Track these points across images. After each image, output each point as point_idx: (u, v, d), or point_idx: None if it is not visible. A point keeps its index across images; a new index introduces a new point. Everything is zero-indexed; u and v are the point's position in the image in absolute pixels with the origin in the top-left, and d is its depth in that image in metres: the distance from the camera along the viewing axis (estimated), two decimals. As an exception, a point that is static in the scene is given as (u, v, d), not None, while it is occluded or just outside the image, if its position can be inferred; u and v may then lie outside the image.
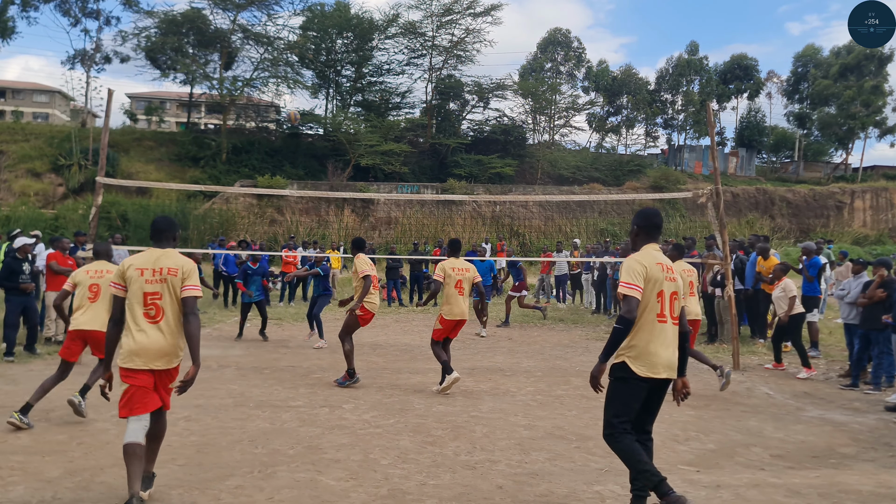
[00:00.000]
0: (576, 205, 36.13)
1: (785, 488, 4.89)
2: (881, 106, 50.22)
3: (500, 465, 5.29)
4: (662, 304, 3.96)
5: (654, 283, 3.95)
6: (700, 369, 9.62)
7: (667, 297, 3.99)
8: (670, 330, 4.00)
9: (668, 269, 4.05)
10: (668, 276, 4.03)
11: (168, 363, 4.23)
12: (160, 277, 4.24)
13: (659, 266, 4.01)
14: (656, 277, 3.96)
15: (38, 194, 33.81)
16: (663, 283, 3.99)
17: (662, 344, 3.95)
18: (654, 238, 4.18)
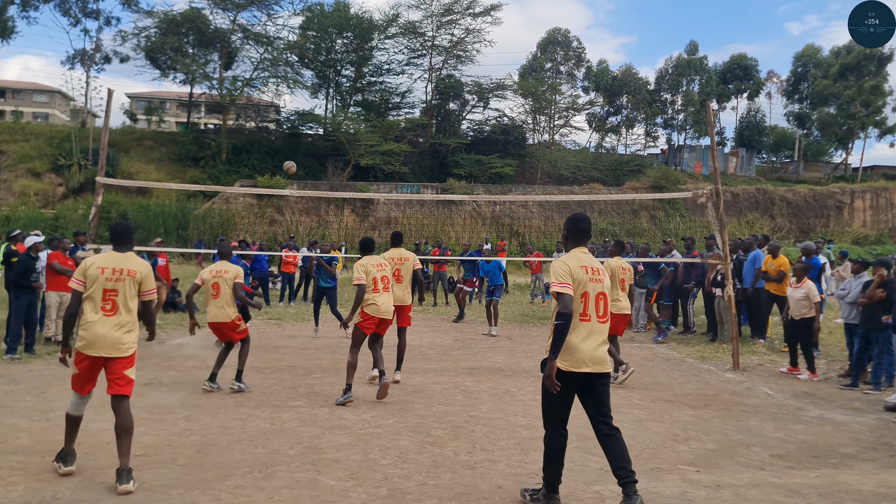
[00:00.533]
0: (576, 205, 36.03)
1: (785, 488, 4.89)
2: (881, 106, 50.20)
3: (500, 464, 5.29)
4: (586, 303, 4.24)
5: (578, 284, 4.22)
6: (699, 369, 9.62)
7: (591, 298, 4.26)
8: (595, 327, 4.26)
9: (594, 272, 4.31)
10: (592, 277, 4.29)
11: (120, 352, 4.82)
12: (118, 277, 4.82)
13: (583, 269, 4.27)
14: (580, 279, 4.23)
15: (37, 194, 33.82)
16: (587, 285, 4.25)
17: (585, 340, 4.21)
18: (582, 242, 4.45)
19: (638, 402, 7.60)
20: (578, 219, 4.46)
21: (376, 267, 7.49)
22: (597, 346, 4.24)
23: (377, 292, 7.35)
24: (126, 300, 4.82)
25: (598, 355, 4.25)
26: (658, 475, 5.13)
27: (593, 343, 4.22)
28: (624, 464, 4.18)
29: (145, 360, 9.44)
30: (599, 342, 4.25)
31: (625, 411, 7.11)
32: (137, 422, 6.25)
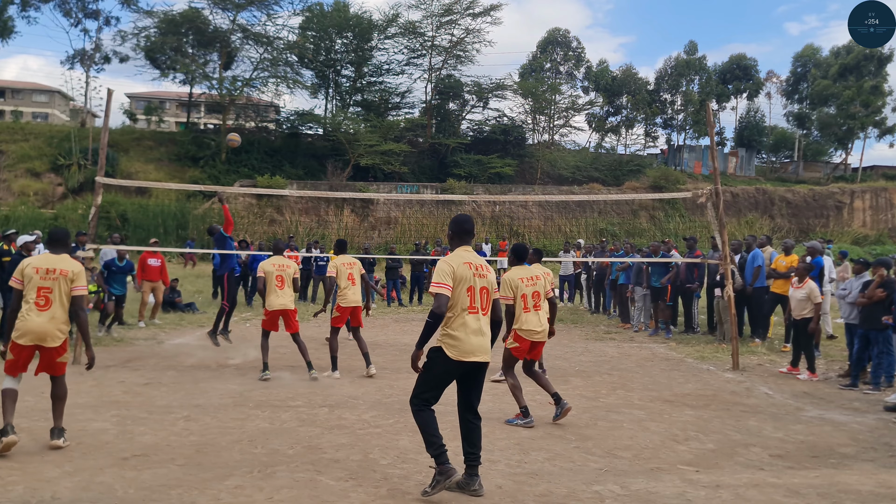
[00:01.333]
0: (575, 205, 36.13)
1: (785, 488, 4.89)
2: (881, 106, 50.19)
3: (499, 464, 5.29)
4: (472, 297, 4.56)
5: (461, 281, 4.53)
6: (699, 370, 9.62)
7: (476, 292, 4.59)
8: (482, 320, 4.62)
9: (479, 268, 4.63)
10: (477, 273, 4.60)
11: (52, 342, 5.39)
12: (53, 277, 5.43)
13: (466, 265, 4.58)
14: (463, 276, 4.54)
15: (37, 194, 33.81)
16: (472, 280, 4.57)
17: (473, 332, 4.54)
18: (465, 241, 4.77)
19: (637, 401, 7.60)
20: (462, 220, 4.78)
21: (346, 265, 8.79)
22: (483, 337, 4.59)
23: (346, 287, 8.64)
24: (60, 297, 5.42)
25: (485, 346, 4.61)
26: (657, 475, 5.13)
27: (481, 335, 4.57)
28: (476, 449, 4.65)
29: (144, 360, 9.44)
30: (484, 333, 4.61)
31: (624, 411, 7.11)
32: (136, 421, 6.27)
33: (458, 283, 4.52)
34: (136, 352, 10.13)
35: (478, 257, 4.74)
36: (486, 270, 4.67)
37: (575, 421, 6.68)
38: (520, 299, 6.53)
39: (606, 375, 9.10)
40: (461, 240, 4.75)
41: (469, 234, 4.77)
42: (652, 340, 12.36)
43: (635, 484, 4.92)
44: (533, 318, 6.54)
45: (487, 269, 4.69)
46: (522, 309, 6.53)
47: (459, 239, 4.76)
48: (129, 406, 6.85)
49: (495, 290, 4.75)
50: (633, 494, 4.72)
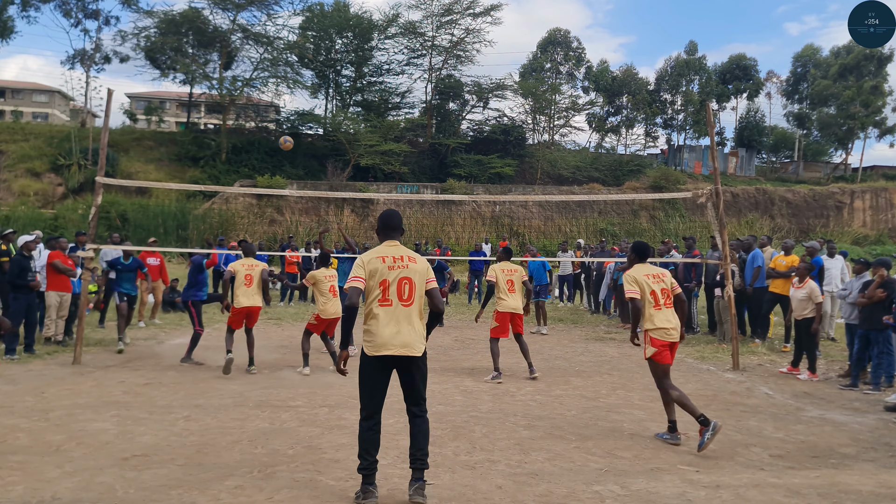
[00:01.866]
0: (575, 205, 36.13)
1: (785, 488, 4.89)
2: (881, 106, 50.20)
3: (499, 465, 5.28)
4: (385, 290, 4.47)
5: (373, 274, 4.49)
6: (699, 370, 9.62)
7: (392, 284, 4.49)
8: (399, 311, 4.47)
9: (396, 259, 4.54)
10: (392, 265, 4.52)
11: None
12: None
13: (380, 259, 4.53)
14: (375, 269, 4.49)
15: (37, 194, 33.83)
16: (386, 273, 4.50)
17: (387, 325, 4.43)
18: (389, 236, 4.70)
19: (638, 402, 7.60)
20: (386, 216, 4.74)
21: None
22: (399, 329, 4.43)
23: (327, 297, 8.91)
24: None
25: (402, 339, 4.42)
26: (658, 475, 5.13)
27: (395, 327, 4.43)
28: (421, 449, 4.51)
29: (144, 360, 9.44)
30: (403, 326, 4.45)
31: (624, 411, 7.11)
32: (136, 422, 6.27)
33: (370, 277, 4.47)
34: (136, 352, 10.13)
35: (400, 250, 4.62)
36: (407, 261, 4.55)
37: (575, 421, 6.68)
38: (649, 297, 6.05)
39: (606, 375, 9.10)
40: (385, 235, 4.70)
41: (393, 230, 4.70)
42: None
43: (636, 484, 4.92)
44: (664, 316, 6.04)
45: (412, 260, 4.57)
46: (653, 307, 6.05)
47: (384, 234, 4.71)
48: (130, 406, 6.85)
49: (427, 280, 4.60)
50: (634, 494, 4.72)
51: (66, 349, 9.93)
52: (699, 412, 5.74)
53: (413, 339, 4.45)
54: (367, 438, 4.49)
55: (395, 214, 4.77)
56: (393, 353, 4.42)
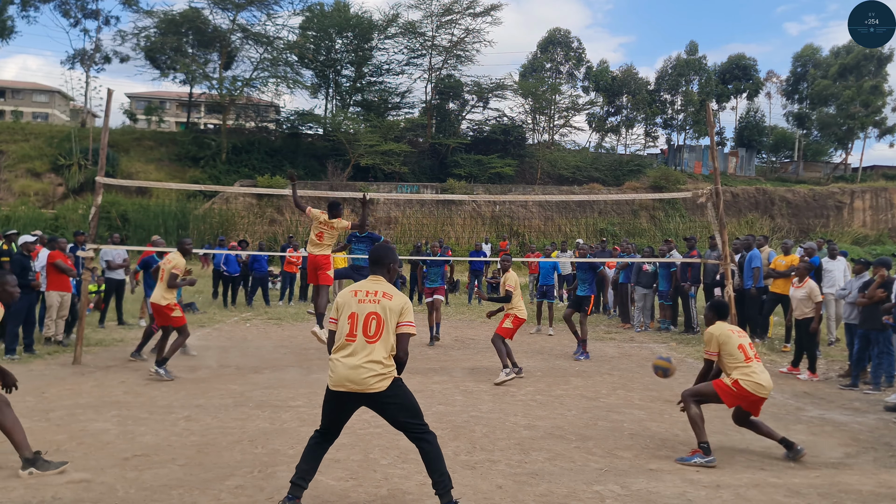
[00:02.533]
0: (575, 205, 36.14)
1: (785, 488, 4.90)
2: (880, 106, 50.20)
3: (499, 464, 5.29)
4: (353, 324, 4.28)
5: (344, 307, 4.34)
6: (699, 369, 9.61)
7: (359, 319, 4.28)
8: (360, 347, 4.24)
9: (370, 294, 4.33)
10: (363, 299, 4.32)
11: None
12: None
13: (352, 293, 4.37)
14: (345, 303, 4.35)
15: (37, 194, 33.83)
16: (355, 306, 4.31)
17: (342, 360, 4.26)
18: (374, 272, 4.48)
19: (638, 402, 7.60)
20: (374, 251, 4.57)
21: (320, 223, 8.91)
22: (355, 365, 4.22)
23: None
24: None
25: (359, 375, 4.21)
26: (658, 475, 5.13)
27: (352, 361, 4.22)
28: (436, 471, 4.25)
29: (146, 360, 9.44)
30: (361, 361, 4.22)
31: (624, 411, 7.11)
32: (137, 422, 6.27)
33: (341, 311, 4.34)
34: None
35: (378, 286, 4.37)
36: (380, 297, 4.30)
37: (575, 421, 6.69)
38: (737, 351, 5.62)
39: (607, 375, 9.11)
40: (371, 269, 4.53)
41: (378, 265, 4.47)
42: (652, 340, 12.35)
43: (636, 484, 4.93)
44: (761, 371, 5.62)
45: (386, 296, 4.30)
46: (744, 360, 5.60)
47: (371, 268, 4.54)
48: (130, 406, 6.85)
49: (401, 322, 4.28)
50: (634, 494, 4.72)
51: (66, 349, 9.94)
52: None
53: (370, 376, 4.18)
54: (307, 449, 4.42)
55: (384, 250, 4.57)
56: (348, 390, 4.25)
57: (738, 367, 5.60)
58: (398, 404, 4.32)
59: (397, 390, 4.29)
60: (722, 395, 5.65)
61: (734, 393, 5.60)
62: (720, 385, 5.68)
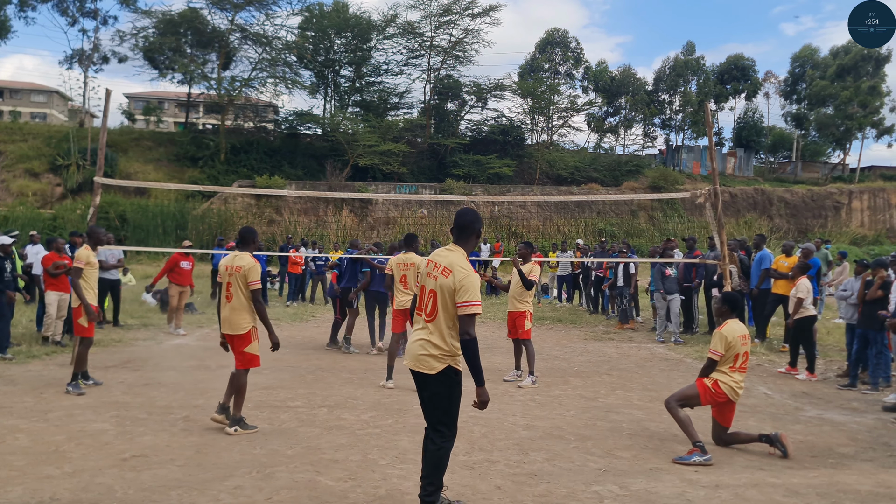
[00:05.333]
0: (574, 205, 36.14)
1: (784, 488, 4.90)
2: (878, 106, 50.23)
3: (498, 465, 5.29)
4: (421, 299, 4.23)
5: (419, 275, 4.39)
6: (698, 370, 9.61)
7: (426, 294, 4.18)
8: (424, 323, 4.17)
9: (435, 267, 4.17)
10: (430, 272, 4.19)
11: None
12: None
13: (426, 261, 4.32)
14: (421, 271, 4.42)
15: (36, 194, 33.77)
16: (425, 279, 4.24)
17: (412, 335, 4.25)
18: (455, 238, 4.29)
19: (637, 402, 7.61)
20: (461, 214, 4.31)
21: (402, 266, 8.60)
22: (415, 341, 4.17)
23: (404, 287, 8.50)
24: None
25: (417, 352, 4.13)
26: (657, 475, 5.14)
27: (414, 337, 4.20)
28: (426, 477, 4.15)
29: (144, 360, 9.44)
30: (419, 338, 4.14)
31: (623, 412, 7.12)
32: (135, 422, 6.26)
33: (420, 284, 4.30)
34: (135, 352, 10.12)
35: (444, 258, 4.16)
36: (438, 273, 4.11)
37: (574, 421, 6.69)
38: (734, 358, 5.84)
39: (606, 376, 9.11)
40: (454, 234, 4.31)
41: (460, 230, 4.26)
42: (651, 340, 12.35)
43: (635, 484, 4.93)
44: (741, 380, 5.90)
45: (444, 273, 4.09)
46: (733, 366, 5.86)
47: (454, 233, 4.32)
48: (129, 406, 6.85)
49: (459, 302, 4.02)
50: (633, 494, 4.73)
51: (65, 349, 9.92)
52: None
53: (424, 355, 4.07)
54: (424, 445, 4.22)
55: (467, 214, 4.29)
56: (408, 365, 4.19)
57: (725, 371, 5.86)
58: (441, 395, 4.15)
59: (448, 380, 4.12)
60: (700, 393, 5.87)
61: (711, 393, 5.84)
62: (701, 383, 5.91)
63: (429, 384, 4.13)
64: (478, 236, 4.31)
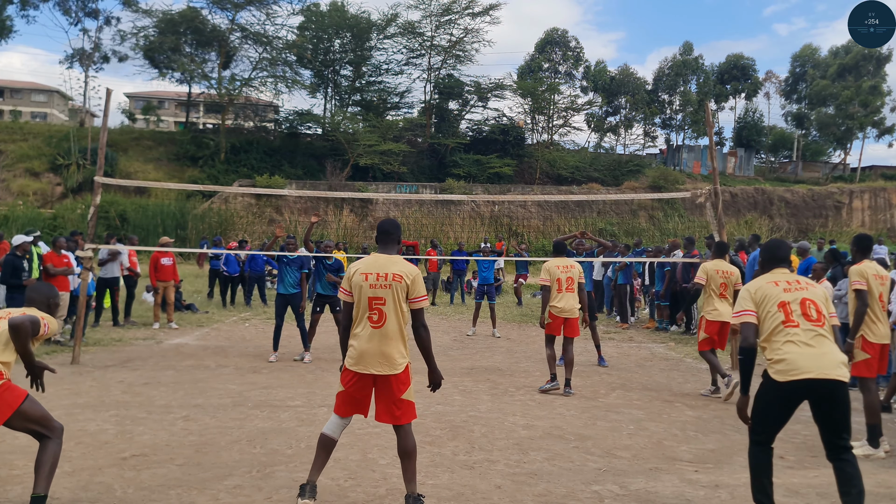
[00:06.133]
0: (574, 205, 36.13)
1: (784, 488, 4.89)
2: (879, 106, 50.24)
3: (498, 464, 5.29)
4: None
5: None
6: (698, 369, 9.62)
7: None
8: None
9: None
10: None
11: None
12: None
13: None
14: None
15: (36, 194, 33.78)
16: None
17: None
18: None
19: (637, 401, 7.60)
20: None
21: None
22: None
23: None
24: None
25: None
26: (657, 475, 5.13)
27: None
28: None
29: (144, 360, 9.44)
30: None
31: (623, 411, 7.11)
32: (135, 421, 6.26)
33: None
34: (135, 352, 10.12)
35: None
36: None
37: (574, 421, 6.68)
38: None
39: (606, 375, 9.11)
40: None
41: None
42: (650, 340, 12.35)
43: (634, 484, 4.92)
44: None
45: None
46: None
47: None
48: (129, 406, 6.85)
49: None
50: (633, 494, 4.72)
51: (64, 349, 9.93)
52: None
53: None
54: None
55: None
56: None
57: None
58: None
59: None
60: None
61: None
62: None
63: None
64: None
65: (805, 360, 3.87)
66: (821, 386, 3.85)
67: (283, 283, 9.97)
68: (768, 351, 4.05)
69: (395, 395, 4.16)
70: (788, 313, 4.03)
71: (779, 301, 4.07)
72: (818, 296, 4.14)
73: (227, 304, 16.10)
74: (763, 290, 4.17)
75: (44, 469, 4.05)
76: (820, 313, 4.01)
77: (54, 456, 4.12)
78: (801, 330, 3.97)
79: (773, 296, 4.09)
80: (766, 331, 4.08)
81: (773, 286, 4.17)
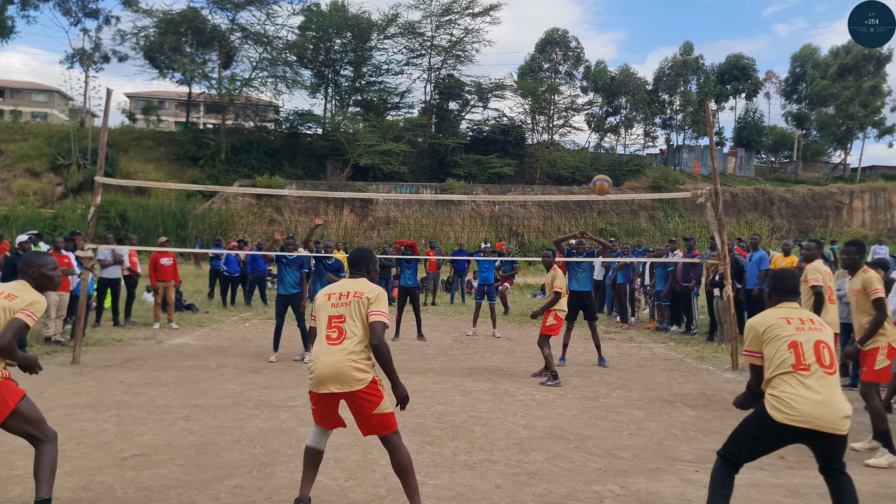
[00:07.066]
0: (574, 205, 36.15)
1: (784, 488, 4.89)
2: (879, 106, 50.23)
3: (498, 464, 5.28)
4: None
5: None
6: (698, 369, 9.62)
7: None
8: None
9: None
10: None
11: None
12: None
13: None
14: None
15: (36, 194, 33.81)
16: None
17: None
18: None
19: (637, 401, 7.60)
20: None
21: None
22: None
23: None
24: None
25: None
26: (657, 475, 5.13)
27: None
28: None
29: (144, 360, 9.44)
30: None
31: (624, 411, 7.11)
32: (135, 421, 6.26)
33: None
34: (135, 352, 10.12)
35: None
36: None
37: (574, 421, 6.68)
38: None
39: (606, 375, 9.11)
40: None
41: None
42: (651, 340, 12.35)
43: (635, 484, 4.92)
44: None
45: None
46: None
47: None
48: (129, 406, 6.84)
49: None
50: (633, 494, 4.72)
51: (64, 349, 9.93)
52: None
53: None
54: None
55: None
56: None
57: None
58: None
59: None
60: None
61: None
62: None
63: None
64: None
65: (812, 407, 3.68)
66: (823, 437, 3.74)
67: (283, 283, 9.96)
68: (772, 387, 3.86)
69: (365, 412, 4.09)
70: (800, 356, 3.80)
71: (790, 341, 3.85)
72: (830, 338, 3.95)
73: (228, 305, 16.10)
74: (773, 329, 3.94)
75: (43, 473, 4.03)
76: (833, 359, 3.85)
77: (52, 460, 4.10)
78: (813, 375, 3.76)
79: (784, 336, 3.90)
80: (772, 369, 3.86)
81: (784, 323, 3.94)
